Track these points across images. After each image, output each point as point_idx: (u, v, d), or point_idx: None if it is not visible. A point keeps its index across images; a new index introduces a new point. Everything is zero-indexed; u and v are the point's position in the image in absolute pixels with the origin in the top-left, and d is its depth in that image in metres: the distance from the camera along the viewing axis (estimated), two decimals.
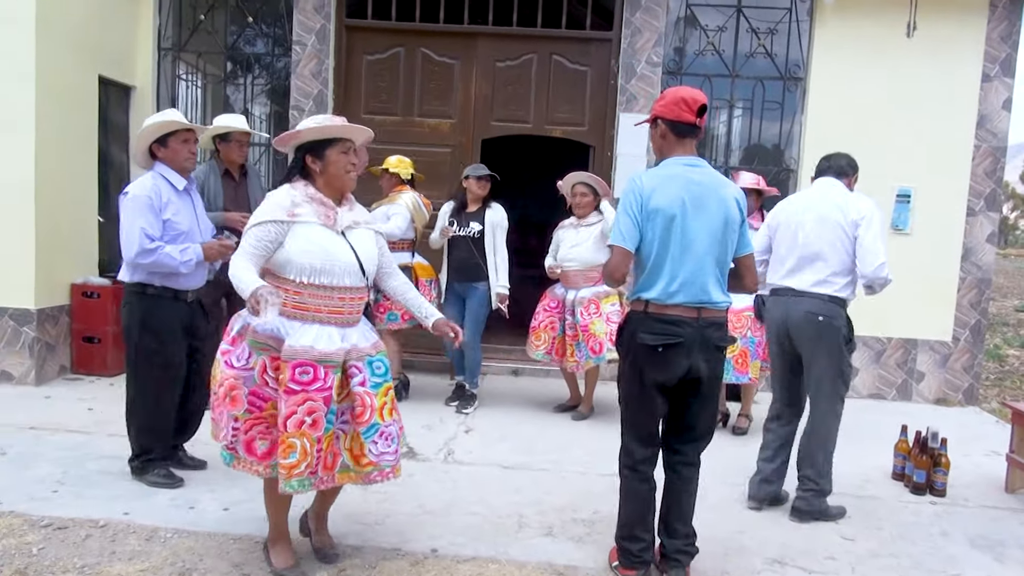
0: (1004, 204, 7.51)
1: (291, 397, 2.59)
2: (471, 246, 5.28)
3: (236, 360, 2.70)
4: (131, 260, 3.51)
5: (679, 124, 2.81)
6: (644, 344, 2.78)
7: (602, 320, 5.06)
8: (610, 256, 2.83)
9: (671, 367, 2.79)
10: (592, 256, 5.12)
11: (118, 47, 6.17)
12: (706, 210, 2.77)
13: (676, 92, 2.83)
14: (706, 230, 2.77)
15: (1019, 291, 19.35)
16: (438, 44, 6.51)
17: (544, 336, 5.33)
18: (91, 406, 4.90)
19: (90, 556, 2.94)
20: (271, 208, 2.71)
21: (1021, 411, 4.21)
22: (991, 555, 3.41)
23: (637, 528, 2.91)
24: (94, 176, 5.89)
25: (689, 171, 2.81)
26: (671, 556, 2.95)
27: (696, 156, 2.88)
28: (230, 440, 2.71)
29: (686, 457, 2.97)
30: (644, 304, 2.81)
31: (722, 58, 6.41)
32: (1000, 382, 7.85)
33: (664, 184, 2.77)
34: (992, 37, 6.14)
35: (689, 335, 2.77)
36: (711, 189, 2.80)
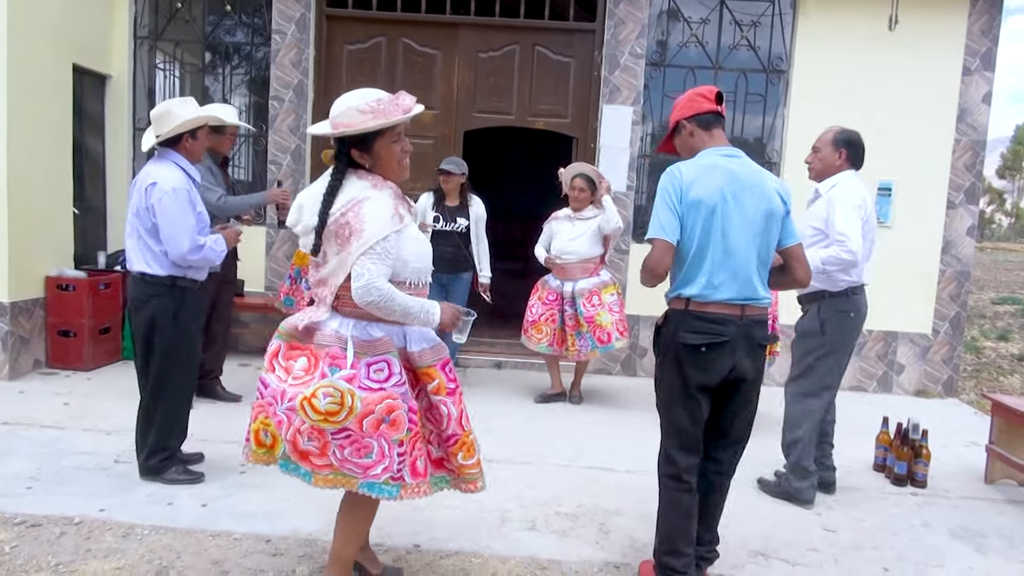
0: (982, 198, 7.54)
1: (453, 397, 2.53)
2: (458, 240, 5.41)
3: (375, 381, 2.37)
4: (181, 256, 3.46)
5: (703, 115, 2.75)
6: (686, 344, 2.64)
7: (606, 311, 5.15)
8: (650, 251, 2.65)
9: (715, 368, 2.65)
10: (588, 249, 5.23)
11: (93, 35, 6.05)
12: (747, 202, 2.64)
13: (688, 92, 2.82)
14: (748, 223, 2.64)
15: (996, 284, 19.62)
16: (420, 34, 6.45)
17: (545, 329, 5.35)
18: (67, 401, 4.81)
19: (64, 554, 2.87)
20: (388, 219, 2.37)
21: (1001, 403, 4.24)
22: (972, 545, 3.44)
23: (680, 542, 2.74)
24: (68, 167, 5.78)
25: (728, 161, 2.70)
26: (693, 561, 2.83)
27: (732, 146, 2.78)
28: (396, 469, 2.37)
29: (721, 465, 2.83)
30: (685, 302, 2.67)
31: (705, 50, 6.40)
32: (977, 373, 7.93)
33: (704, 175, 2.65)
34: (973, 31, 6.17)
35: (733, 333, 2.63)
36: (751, 180, 2.67)
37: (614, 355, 6.46)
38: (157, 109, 3.55)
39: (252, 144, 6.67)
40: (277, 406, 2.41)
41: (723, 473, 2.85)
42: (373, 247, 2.33)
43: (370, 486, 2.37)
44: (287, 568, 2.86)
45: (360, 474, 2.36)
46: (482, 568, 2.96)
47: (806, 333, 3.74)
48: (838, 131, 3.81)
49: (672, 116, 2.86)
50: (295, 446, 2.38)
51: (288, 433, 2.39)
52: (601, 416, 5.22)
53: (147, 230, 3.48)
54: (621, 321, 5.23)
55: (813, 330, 3.71)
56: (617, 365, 6.51)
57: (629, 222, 6.37)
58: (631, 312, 6.37)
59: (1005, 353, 9.21)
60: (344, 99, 2.53)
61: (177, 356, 3.60)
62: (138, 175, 3.59)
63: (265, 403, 2.46)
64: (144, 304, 3.54)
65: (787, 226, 2.74)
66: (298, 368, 2.42)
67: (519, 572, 2.94)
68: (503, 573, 2.93)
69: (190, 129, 3.57)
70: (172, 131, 3.50)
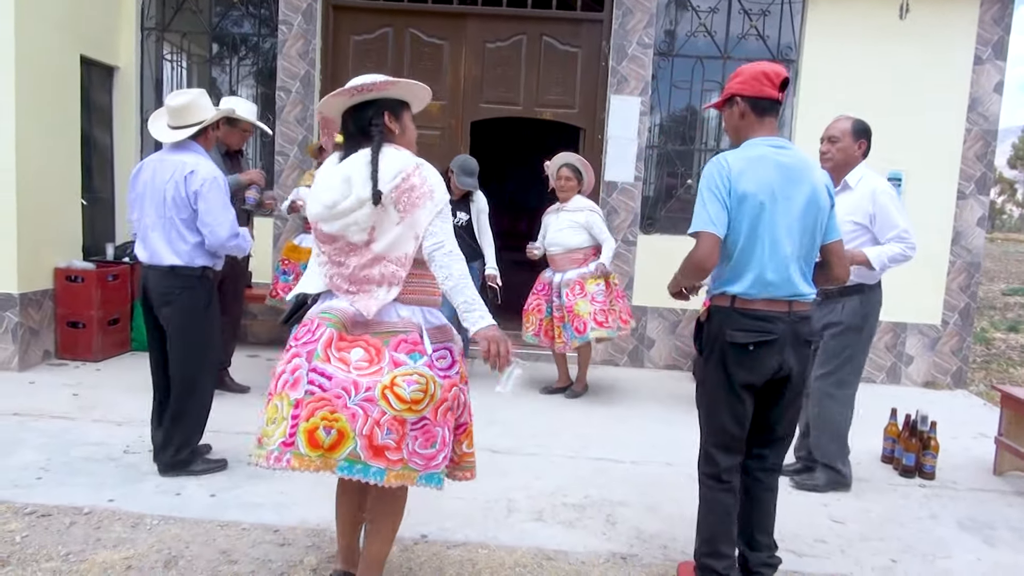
0: (992, 188, 7.51)
1: (467, 386, 2.53)
2: (460, 233, 5.29)
3: (445, 369, 2.39)
4: (221, 244, 3.52)
5: (761, 100, 2.59)
6: (734, 343, 2.55)
7: (587, 300, 5.12)
8: (697, 245, 2.52)
9: (762, 367, 2.56)
10: (572, 240, 5.23)
11: (100, 27, 6.05)
12: (796, 196, 2.54)
13: (755, 66, 2.61)
14: (797, 217, 2.54)
15: (1006, 275, 19.49)
16: (427, 24, 6.43)
17: (532, 319, 5.41)
18: (76, 392, 4.84)
19: (74, 544, 2.89)
20: (444, 189, 2.37)
21: (1010, 394, 4.22)
22: (980, 537, 3.42)
23: (722, 544, 2.65)
24: (77, 158, 5.79)
25: (777, 153, 2.56)
26: (754, 570, 2.74)
27: (780, 137, 2.65)
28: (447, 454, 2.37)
29: (767, 462, 2.75)
30: (731, 299, 2.57)
31: (714, 40, 6.36)
32: (987, 365, 7.89)
33: (752, 167, 2.52)
34: (984, 20, 6.11)
35: (781, 331, 2.54)
36: (800, 173, 2.56)
37: (621, 346, 6.45)
38: (179, 100, 3.50)
39: (259, 135, 6.67)
40: (349, 399, 2.21)
41: (772, 469, 2.77)
42: (443, 209, 2.31)
43: (429, 477, 2.29)
44: (295, 558, 2.88)
45: (422, 466, 2.28)
46: (489, 559, 2.96)
47: (848, 327, 3.66)
48: (855, 121, 3.75)
49: (729, 86, 2.66)
50: (371, 441, 2.20)
51: (365, 427, 2.20)
52: (607, 408, 5.22)
53: (184, 220, 3.48)
54: (603, 311, 5.12)
55: (855, 324, 3.66)
56: (624, 356, 6.50)
57: (636, 213, 6.35)
58: (638, 303, 6.38)
59: (1015, 344, 9.15)
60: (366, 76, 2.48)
61: (208, 348, 3.64)
62: (154, 165, 3.53)
63: (331, 396, 2.22)
64: (177, 297, 3.51)
65: (831, 221, 2.67)
66: (357, 359, 2.28)
67: (526, 563, 2.95)
68: (510, 564, 2.93)
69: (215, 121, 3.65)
70: (203, 124, 3.54)
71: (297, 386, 2.24)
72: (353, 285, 2.37)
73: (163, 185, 3.48)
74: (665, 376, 6.23)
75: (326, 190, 2.36)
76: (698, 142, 6.58)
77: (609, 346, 6.45)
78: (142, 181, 3.55)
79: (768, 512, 2.77)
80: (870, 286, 3.68)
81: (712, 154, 6.44)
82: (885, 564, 3.11)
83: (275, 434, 2.23)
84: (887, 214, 3.57)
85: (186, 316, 3.53)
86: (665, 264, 3.52)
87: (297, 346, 2.31)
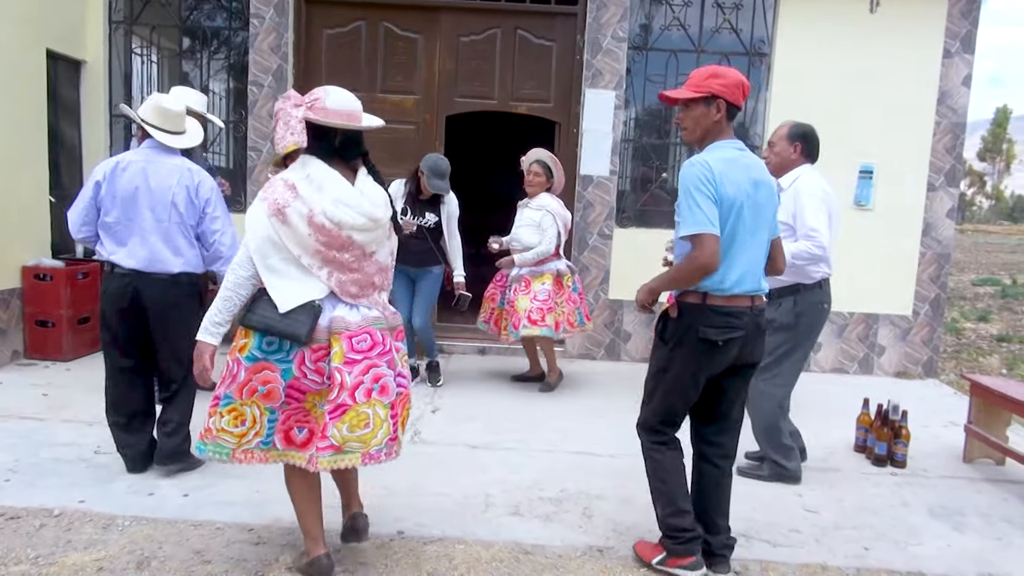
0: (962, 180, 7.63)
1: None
2: (427, 235, 5.18)
3: None
4: (232, 250, 3.49)
5: (734, 107, 2.72)
6: (705, 339, 2.66)
7: (528, 297, 5.17)
8: (700, 247, 2.56)
9: (725, 359, 2.72)
10: (527, 238, 5.24)
11: (67, 20, 5.94)
12: (762, 196, 2.69)
13: (734, 74, 2.72)
14: (762, 217, 2.71)
15: (976, 265, 19.82)
16: (400, 18, 6.38)
17: (486, 306, 5.52)
18: (45, 392, 4.76)
19: (44, 546, 2.85)
20: None
21: (979, 383, 4.29)
22: (950, 524, 3.48)
23: (682, 501, 2.81)
24: (44, 155, 5.69)
25: (742, 156, 2.71)
26: (716, 552, 2.87)
27: (738, 140, 2.78)
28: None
29: (723, 448, 2.90)
30: (702, 296, 2.67)
31: (688, 33, 6.38)
32: (957, 354, 8.02)
33: (729, 169, 2.63)
34: (953, 13, 6.19)
35: (747, 325, 2.70)
36: (761, 175, 2.73)
37: (598, 340, 6.47)
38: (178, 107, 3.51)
39: (232, 130, 6.60)
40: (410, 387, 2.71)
41: (728, 456, 2.91)
42: None
43: None
44: (270, 557, 2.85)
45: None
46: (466, 554, 2.96)
47: (781, 325, 3.75)
48: (792, 125, 3.86)
49: (713, 86, 2.68)
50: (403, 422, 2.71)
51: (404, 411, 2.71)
52: (585, 401, 5.23)
53: (193, 226, 3.45)
54: (540, 310, 5.11)
55: (787, 323, 3.75)
56: (601, 350, 6.52)
57: (612, 207, 6.36)
58: (614, 297, 6.40)
59: (985, 334, 9.32)
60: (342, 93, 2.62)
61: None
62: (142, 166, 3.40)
63: (408, 390, 2.69)
64: (179, 306, 3.45)
65: (775, 219, 2.84)
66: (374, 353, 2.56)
67: (502, 557, 2.95)
68: (487, 559, 2.93)
69: None
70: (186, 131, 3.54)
71: (387, 392, 2.55)
72: (361, 290, 2.58)
73: (166, 188, 3.40)
74: (642, 369, 6.16)
75: (372, 205, 2.54)
76: (673, 136, 6.60)
77: (586, 340, 6.46)
78: (128, 181, 3.38)
79: (725, 496, 2.91)
80: (807, 286, 3.74)
81: (687, 148, 6.47)
82: (858, 552, 3.16)
83: (380, 435, 2.53)
84: (801, 212, 3.66)
85: (188, 323, 3.41)
86: (641, 258, 3.54)
87: (372, 356, 2.52)
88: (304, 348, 2.48)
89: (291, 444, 2.57)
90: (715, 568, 2.86)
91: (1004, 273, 17.54)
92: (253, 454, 2.55)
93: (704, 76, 2.71)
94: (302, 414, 2.57)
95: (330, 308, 2.52)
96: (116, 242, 3.43)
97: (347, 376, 2.45)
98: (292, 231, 2.44)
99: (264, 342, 2.48)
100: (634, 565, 2.93)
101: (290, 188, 2.47)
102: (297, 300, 2.46)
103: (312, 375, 2.50)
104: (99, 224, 3.45)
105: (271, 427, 2.54)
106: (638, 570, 2.89)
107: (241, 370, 2.49)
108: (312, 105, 2.49)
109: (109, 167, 3.44)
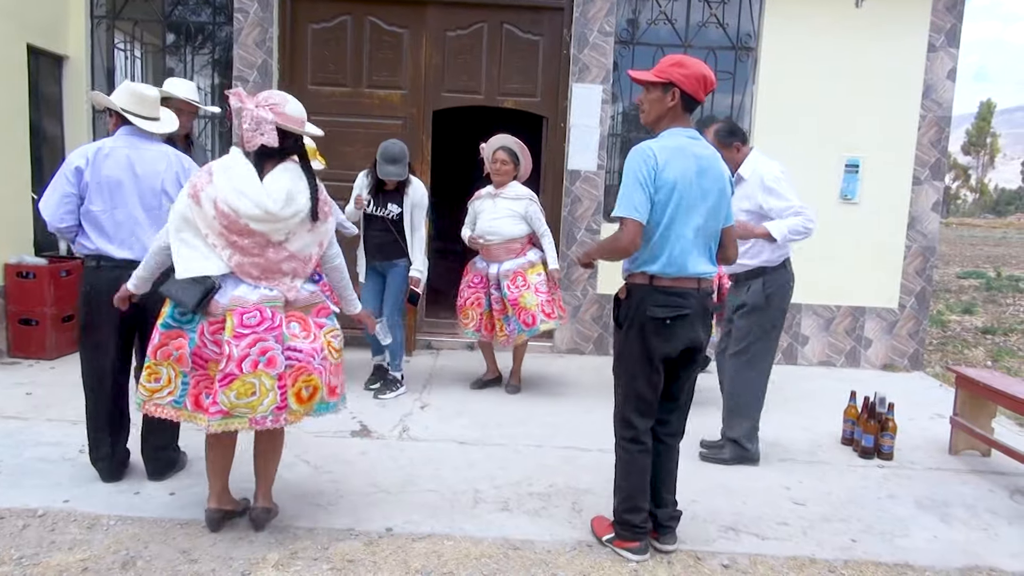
0: (947, 174, 7.68)
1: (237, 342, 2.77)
2: (389, 226, 4.92)
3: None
4: None
5: (691, 99, 2.80)
6: (654, 317, 2.80)
7: (531, 291, 4.91)
8: (622, 230, 2.76)
9: (677, 339, 2.83)
10: (511, 229, 4.97)
11: (48, 15, 5.87)
12: (707, 184, 2.80)
13: (699, 67, 2.78)
14: (708, 204, 2.80)
15: (961, 258, 19.97)
16: (386, 12, 6.34)
17: (471, 314, 5.12)
18: (29, 391, 4.72)
19: (27, 547, 2.82)
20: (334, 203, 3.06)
21: (964, 375, 4.32)
22: (936, 515, 3.50)
23: (640, 499, 2.94)
24: (26, 150, 5.63)
25: (692, 144, 2.82)
26: (664, 524, 3.01)
27: (693, 129, 2.88)
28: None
29: (671, 427, 3.02)
30: (649, 278, 2.82)
31: (674, 28, 6.38)
32: (943, 347, 8.08)
33: (674, 157, 2.75)
34: (938, 7, 6.22)
35: (693, 306, 2.82)
36: (710, 163, 2.82)
37: (586, 335, 6.47)
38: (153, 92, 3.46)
39: (217, 125, 6.54)
40: (315, 361, 2.84)
41: (675, 435, 3.05)
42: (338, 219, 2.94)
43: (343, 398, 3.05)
44: (257, 555, 2.83)
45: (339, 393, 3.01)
46: (455, 550, 2.95)
47: (753, 308, 3.89)
48: (713, 131, 3.91)
49: (673, 73, 2.76)
50: (329, 385, 2.91)
51: (325, 377, 2.88)
52: (574, 397, 5.23)
53: None
54: (550, 302, 4.97)
55: (759, 304, 3.88)
56: (590, 345, 6.53)
57: (599, 202, 6.36)
58: (602, 291, 6.40)
59: (970, 326, 9.40)
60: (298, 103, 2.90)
61: None
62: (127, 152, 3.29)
63: (305, 363, 2.82)
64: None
65: (729, 209, 2.95)
66: (298, 330, 2.86)
67: (491, 553, 2.94)
68: (476, 555, 2.92)
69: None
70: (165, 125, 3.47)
71: (274, 364, 2.74)
72: (264, 273, 2.81)
73: (154, 174, 3.29)
74: None
75: (268, 199, 2.73)
76: None
77: (575, 334, 6.46)
78: (113, 168, 3.27)
79: (672, 473, 3.06)
80: (772, 268, 3.86)
81: None
82: (845, 544, 3.17)
83: (265, 403, 2.73)
84: (778, 195, 3.74)
85: None
86: None
87: (259, 331, 2.73)
88: (203, 320, 2.78)
89: (199, 408, 2.81)
90: (662, 540, 3.01)
91: (989, 266, 17.70)
92: (163, 409, 2.86)
93: (669, 63, 2.82)
94: (208, 381, 2.81)
95: (232, 287, 2.78)
96: (104, 233, 3.29)
97: (234, 348, 2.70)
98: (202, 212, 2.74)
99: (176, 311, 2.81)
100: (623, 560, 2.93)
101: (208, 174, 2.78)
102: (194, 271, 2.74)
103: (211, 345, 2.78)
104: (82, 214, 3.29)
105: (184, 389, 2.84)
106: (626, 565, 2.90)
107: (157, 335, 2.84)
108: (274, 109, 2.75)
109: (91, 152, 3.29)
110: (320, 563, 2.79)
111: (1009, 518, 3.51)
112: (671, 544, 3.01)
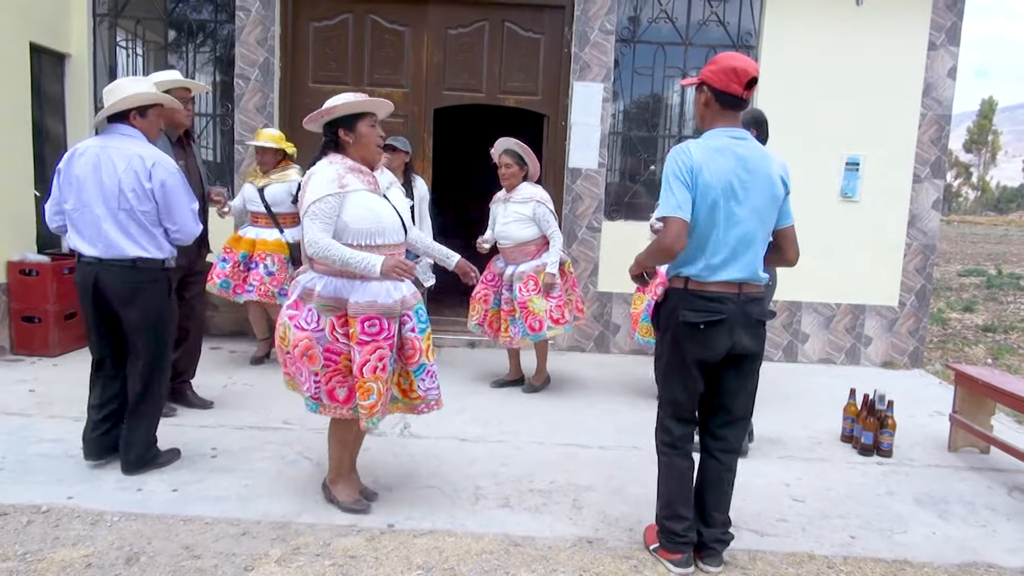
0: (948, 172, 7.70)
1: (363, 348, 2.90)
2: None
3: (305, 323, 2.94)
4: (192, 235, 3.54)
5: (725, 95, 2.68)
6: (686, 322, 2.70)
7: (541, 296, 4.88)
8: (666, 229, 2.62)
9: (714, 344, 2.71)
10: (520, 233, 4.96)
11: (50, 13, 5.88)
12: (753, 186, 2.66)
13: (728, 60, 2.66)
14: (751, 207, 2.67)
15: (962, 256, 19.97)
16: (388, 10, 6.35)
17: (478, 308, 5.17)
18: (32, 388, 4.73)
19: (32, 543, 2.84)
20: (324, 183, 2.90)
21: (964, 373, 4.33)
22: (935, 512, 3.52)
23: (680, 506, 2.83)
24: (29, 149, 5.64)
25: (736, 144, 2.68)
26: (708, 544, 2.87)
27: (741, 128, 2.75)
28: (313, 391, 2.97)
29: (726, 443, 2.87)
30: (684, 281, 2.73)
31: (675, 26, 6.38)
32: (943, 344, 8.09)
33: (713, 158, 2.63)
34: (938, 5, 6.22)
35: (731, 311, 2.69)
36: (758, 165, 2.68)
37: (587, 332, 6.49)
38: (109, 85, 3.42)
39: (219, 124, 6.56)
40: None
41: (730, 451, 2.88)
42: (309, 208, 2.89)
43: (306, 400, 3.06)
44: (260, 551, 2.85)
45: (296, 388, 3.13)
46: (456, 546, 2.97)
47: None
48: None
49: (702, 72, 2.74)
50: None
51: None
52: (575, 394, 5.25)
53: (145, 212, 3.34)
54: (559, 307, 4.92)
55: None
56: (590, 342, 6.54)
57: (600, 199, 6.37)
58: (603, 290, 6.41)
59: (970, 324, 9.40)
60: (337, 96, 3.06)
61: (171, 339, 3.64)
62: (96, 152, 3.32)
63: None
64: (142, 292, 3.38)
65: (784, 207, 2.80)
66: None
67: (492, 549, 2.96)
68: (477, 550, 2.94)
69: (137, 106, 3.41)
70: (114, 107, 3.36)
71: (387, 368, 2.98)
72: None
73: (115, 176, 3.31)
74: (631, 361, 6.27)
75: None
76: (661, 128, 6.61)
77: (575, 332, 6.48)
78: (82, 167, 3.32)
79: (725, 492, 2.89)
80: None
81: (675, 140, 6.49)
82: (844, 540, 3.19)
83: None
84: None
85: (153, 312, 3.43)
86: (630, 250, 3.52)
87: (380, 341, 2.92)
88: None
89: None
90: (706, 560, 2.87)
91: (989, 264, 17.70)
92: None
93: (708, 63, 2.75)
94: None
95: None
96: (77, 231, 3.37)
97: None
98: None
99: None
100: (623, 556, 2.95)
101: None
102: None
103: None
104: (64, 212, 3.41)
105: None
106: (627, 561, 2.91)
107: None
108: None
109: (71, 152, 3.38)
110: (322, 559, 2.81)
111: (1007, 514, 3.53)
112: (715, 567, 2.86)
